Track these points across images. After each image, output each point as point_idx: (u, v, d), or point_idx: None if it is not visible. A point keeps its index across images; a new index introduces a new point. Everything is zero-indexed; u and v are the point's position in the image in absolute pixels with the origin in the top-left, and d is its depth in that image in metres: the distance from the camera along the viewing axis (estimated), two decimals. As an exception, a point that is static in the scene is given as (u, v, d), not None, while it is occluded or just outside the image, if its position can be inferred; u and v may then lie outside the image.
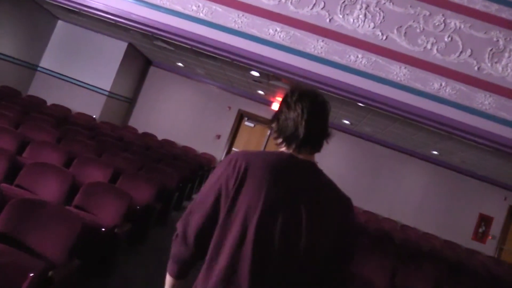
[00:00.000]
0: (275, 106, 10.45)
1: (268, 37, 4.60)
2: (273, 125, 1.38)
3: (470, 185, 10.15)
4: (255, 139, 11.19)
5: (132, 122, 11.04)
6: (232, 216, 1.21)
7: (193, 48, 5.25)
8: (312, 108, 1.33)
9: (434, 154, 9.64)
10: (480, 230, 10.20)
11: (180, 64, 10.05)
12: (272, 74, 6.90)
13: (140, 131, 10.22)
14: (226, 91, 10.95)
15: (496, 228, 10.14)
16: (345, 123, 9.90)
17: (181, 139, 10.78)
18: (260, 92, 9.94)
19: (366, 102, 4.73)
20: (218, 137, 10.88)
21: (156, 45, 8.82)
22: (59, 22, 9.89)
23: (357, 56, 4.49)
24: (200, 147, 10.73)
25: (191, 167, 6.34)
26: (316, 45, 4.53)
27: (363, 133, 10.36)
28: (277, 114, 1.37)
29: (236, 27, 4.66)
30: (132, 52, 10.09)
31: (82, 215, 2.64)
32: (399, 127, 8.24)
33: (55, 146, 4.15)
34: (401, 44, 4.47)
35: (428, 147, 9.16)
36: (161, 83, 11.10)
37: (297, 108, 1.31)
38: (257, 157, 1.29)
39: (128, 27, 5.30)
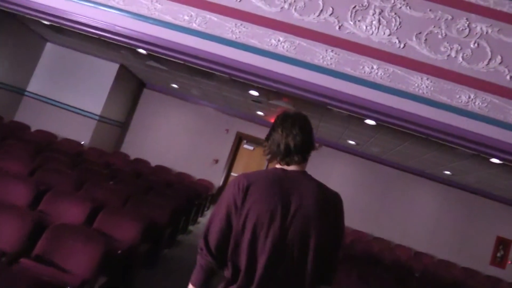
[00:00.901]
0: (276, 127, 9.95)
1: (270, 48, 4.07)
2: (264, 144, 1.71)
3: (485, 206, 9.51)
4: (255, 163, 10.58)
5: (125, 148, 10.45)
6: (244, 225, 1.50)
7: (186, 63, 4.71)
8: (291, 128, 1.62)
9: (447, 174, 9.04)
10: (499, 254, 9.50)
11: (174, 85, 9.55)
12: (274, 91, 6.36)
13: (133, 157, 9.63)
14: (224, 113, 10.41)
15: (515, 252, 9.45)
16: (350, 144, 9.33)
17: (177, 165, 10.17)
18: (260, 113, 9.40)
19: (384, 120, 4.16)
20: (216, 161, 10.28)
21: (149, 66, 8.33)
22: (48, 45, 9.42)
23: (372, 67, 3.95)
24: (197, 173, 10.11)
25: (186, 196, 5.71)
26: (325, 55, 4.00)
27: (369, 153, 9.78)
28: (267, 137, 1.70)
29: (233, 37, 4.13)
30: (124, 74, 9.59)
31: (39, 271, 2.00)
32: (409, 147, 7.68)
33: (24, 178, 3.53)
34: (422, 52, 3.94)
35: (440, 167, 8.57)
36: (155, 106, 10.57)
37: (278, 130, 1.64)
38: (256, 175, 1.61)
39: (114, 41, 4.77)
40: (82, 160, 5.77)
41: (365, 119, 6.58)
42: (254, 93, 7.53)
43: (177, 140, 10.39)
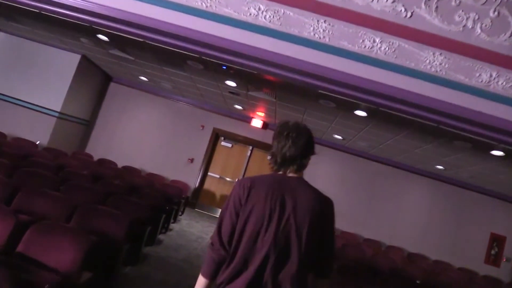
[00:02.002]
0: (256, 123, 9.13)
1: (249, 19, 3.30)
2: (269, 154, 1.87)
3: (478, 201, 9.02)
4: (234, 161, 9.80)
5: (90, 148, 9.51)
6: (246, 223, 1.70)
7: (147, 42, 3.91)
8: (290, 141, 1.78)
9: (439, 169, 8.48)
10: (493, 252, 9.03)
11: (143, 78, 8.67)
12: (255, 77, 5.60)
13: (99, 157, 8.71)
14: (198, 108, 9.58)
15: (510, 249, 8.98)
16: (336, 139, 8.67)
17: (148, 165, 9.31)
18: (238, 107, 8.63)
19: (388, 105, 3.46)
20: (191, 161, 9.45)
21: (113, 56, 7.44)
22: (-1, 34, 8.39)
23: (374, 41, 3.24)
24: (171, 174, 9.26)
25: (154, 202, 4.90)
26: (316, 27, 3.26)
27: (356, 149, 9.14)
28: (271, 147, 1.86)
29: (204, 7, 3.35)
30: (86, 66, 8.66)
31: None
32: (401, 140, 7.05)
33: None
34: (433, 22, 3.25)
35: (432, 161, 8.00)
36: (123, 102, 9.65)
37: (275, 142, 1.83)
38: (258, 178, 1.80)
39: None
40: (29, 163, 4.87)
41: (356, 110, 5.91)
42: (230, 83, 6.76)
43: (147, 138, 9.51)
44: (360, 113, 6.05)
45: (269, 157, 1.86)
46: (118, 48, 6.96)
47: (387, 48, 3.23)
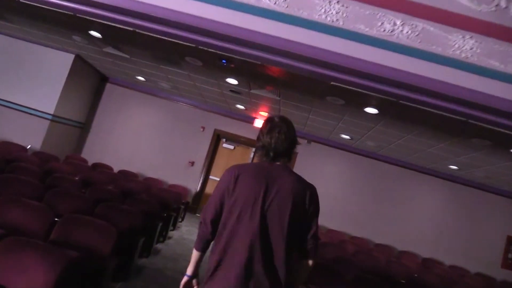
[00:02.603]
0: (259, 124, 8.74)
1: (251, 1, 2.90)
2: (257, 145, 2.02)
3: (494, 203, 8.57)
4: (236, 162, 9.30)
5: (86, 152, 9.12)
6: (233, 205, 1.84)
7: (140, 32, 3.52)
8: (278, 135, 1.93)
9: (452, 169, 8.05)
10: (510, 256, 8.57)
11: (140, 77, 8.28)
12: (257, 70, 5.18)
13: (94, 161, 8.31)
14: (198, 109, 9.18)
15: (528, 253, 8.53)
16: (343, 139, 8.25)
17: (146, 169, 8.91)
18: (240, 106, 8.22)
19: (410, 97, 3.05)
20: (192, 164, 9.04)
21: (108, 54, 7.06)
22: (-12, 34, 8.02)
23: (395, 24, 2.83)
24: (170, 178, 8.87)
25: (150, 210, 4.48)
26: (328, 8, 2.86)
27: (364, 149, 8.72)
28: (258, 137, 2.01)
29: (200, -11, 2.95)
30: (81, 66, 8.28)
31: None
32: (413, 139, 6.64)
33: None
34: (461, 1, 2.83)
35: (445, 161, 7.57)
36: (120, 103, 9.26)
37: (267, 137, 1.95)
38: (245, 166, 1.95)
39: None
40: (12, 168, 4.46)
41: (367, 107, 5.50)
42: (232, 81, 6.36)
43: (146, 141, 9.12)
44: (371, 110, 5.64)
45: (258, 150, 1.99)
46: (112, 45, 6.59)
47: (409, 32, 2.82)
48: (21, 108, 7.86)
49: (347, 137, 7.99)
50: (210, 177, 9.33)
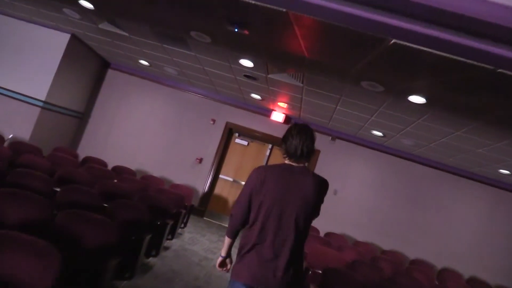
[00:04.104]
0: (277, 117, 7.65)
1: None
2: (282, 146, 2.29)
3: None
4: (250, 161, 8.33)
5: (84, 144, 8.23)
6: (262, 202, 2.15)
7: None
8: (305, 139, 2.22)
9: (502, 174, 6.86)
10: None
11: (143, 62, 7.31)
12: (281, 32, 4.10)
13: (93, 155, 7.37)
14: (208, 98, 8.17)
15: None
16: (374, 136, 7.13)
17: (149, 165, 7.96)
18: (255, 96, 7.18)
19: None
20: (200, 161, 8.04)
21: (105, 32, 6.12)
22: (-28, 10, 7.15)
23: None
24: (175, 176, 7.90)
25: (134, 219, 3.47)
26: None
27: (398, 148, 7.58)
28: (284, 139, 2.29)
29: None
30: (78, 49, 7.36)
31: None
32: (462, 137, 5.52)
33: None
34: None
35: (496, 164, 6.40)
36: (122, 92, 8.33)
37: (297, 138, 2.22)
38: (271, 168, 2.25)
39: None
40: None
41: (412, 95, 4.40)
42: (246, 63, 5.32)
43: (149, 134, 8.16)
44: (417, 99, 4.54)
45: (283, 150, 2.29)
46: (107, 20, 5.63)
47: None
48: (7, 92, 6.98)
49: (379, 133, 6.87)
50: (220, 176, 8.30)
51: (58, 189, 3.76)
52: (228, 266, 2.37)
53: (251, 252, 2.14)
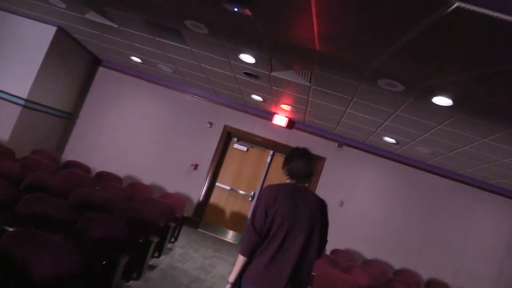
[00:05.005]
0: (279, 120, 7.01)
1: None
2: (285, 168, 2.52)
3: None
4: (250, 169, 7.70)
5: (71, 147, 7.62)
6: (273, 219, 2.28)
7: None
8: (306, 162, 2.45)
9: (527, 187, 6.23)
10: None
11: (136, 58, 6.72)
12: (290, 17, 3.48)
13: (80, 159, 6.76)
14: (205, 100, 7.57)
15: None
16: (387, 142, 6.51)
17: (140, 172, 7.34)
18: (256, 97, 6.57)
19: None
20: (195, 167, 7.41)
21: (92, 24, 5.54)
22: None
23: None
24: (167, 183, 7.28)
25: (111, 236, 2.85)
26: None
27: (411, 157, 6.96)
28: (287, 161, 2.52)
29: None
30: (66, 43, 6.79)
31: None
32: (490, 145, 4.89)
33: None
34: None
35: (521, 176, 5.78)
36: (113, 91, 7.73)
37: (301, 160, 2.45)
38: (281, 187, 2.40)
39: None
40: None
41: (436, 96, 3.80)
42: (247, 58, 4.73)
43: (141, 137, 7.55)
44: (443, 100, 3.94)
45: (285, 172, 2.50)
46: (93, 9, 5.04)
47: None
48: (-15, 89, 6.39)
49: (392, 140, 6.25)
50: (217, 184, 7.66)
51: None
52: None
53: (256, 259, 2.27)
